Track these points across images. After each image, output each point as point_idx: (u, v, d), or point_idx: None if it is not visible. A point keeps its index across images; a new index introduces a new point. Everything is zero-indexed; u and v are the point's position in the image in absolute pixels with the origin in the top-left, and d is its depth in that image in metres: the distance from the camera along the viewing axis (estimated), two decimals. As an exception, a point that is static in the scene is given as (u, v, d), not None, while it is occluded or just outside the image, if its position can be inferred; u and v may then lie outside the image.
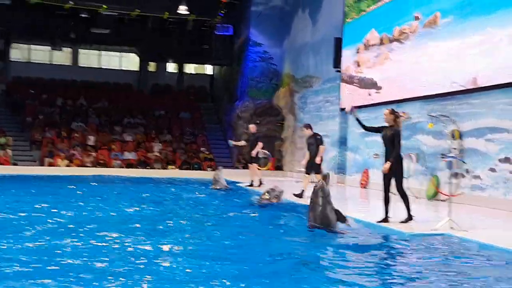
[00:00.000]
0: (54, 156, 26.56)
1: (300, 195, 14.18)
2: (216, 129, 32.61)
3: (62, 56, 33.66)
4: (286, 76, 27.51)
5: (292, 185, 17.94)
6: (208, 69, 36.56)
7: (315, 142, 14.42)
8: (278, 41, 28.01)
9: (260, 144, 17.70)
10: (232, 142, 20.67)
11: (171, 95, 34.68)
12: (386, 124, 9.91)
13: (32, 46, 33.33)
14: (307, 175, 14.69)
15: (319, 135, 14.70)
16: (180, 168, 27.82)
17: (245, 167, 27.32)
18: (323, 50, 23.04)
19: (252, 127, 18.75)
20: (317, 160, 14.28)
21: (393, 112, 9.88)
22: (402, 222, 9.68)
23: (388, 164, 9.56)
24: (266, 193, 13.09)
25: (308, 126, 14.93)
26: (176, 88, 35.58)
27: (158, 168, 27.39)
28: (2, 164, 25.02)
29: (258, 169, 18.54)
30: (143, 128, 30.71)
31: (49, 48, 32.61)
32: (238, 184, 19.16)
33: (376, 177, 18.11)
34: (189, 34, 31.36)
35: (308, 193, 14.54)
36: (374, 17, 18.75)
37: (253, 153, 17.75)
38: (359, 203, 15.26)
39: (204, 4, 28.76)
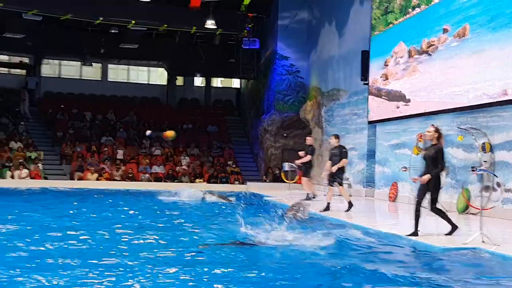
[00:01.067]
0: (84, 170, 26.86)
1: (326, 209, 14.13)
2: (243, 142, 32.71)
3: (92, 71, 34.12)
4: (313, 89, 27.52)
5: (321, 198, 17.86)
6: (235, 83, 36.75)
7: (339, 154, 14.28)
8: (305, 55, 28.06)
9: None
10: (296, 163, 18.92)
11: (198, 109, 34.91)
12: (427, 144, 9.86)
13: (63, 62, 33.84)
14: (331, 187, 14.54)
15: (345, 148, 14.57)
16: (208, 181, 27.90)
17: (274, 180, 27.39)
18: (350, 63, 23.01)
19: (310, 139, 18.67)
20: (333, 169, 14.10)
21: (437, 130, 9.81)
22: (447, 234, 9.68)
23: (427, 176, 9.51)
24: (291, 208, 12.87)
25: (337, 137, 14.82)
26: (204, 101, 35.81)
27: (186, 182, 27.51)
28: (33, 178, 25.38)
29: (286, 181, 18.48)
30: (171, 141, 30.90)
31: (79, 63, 33.12)
32: (266, 198, 19.15)
33: (405, 191, 17.98)
34: (216, 48, 31.58)
35: (334, 205, 14.58)
36: (402, 29, 18.70)
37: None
38: (388, 216, 15.16)
39: (231, 18, 28.94)
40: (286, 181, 23.81)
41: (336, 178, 14.21)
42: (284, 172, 24.58)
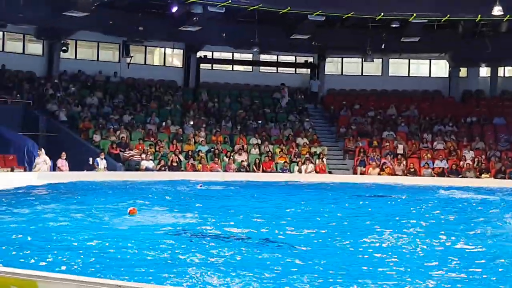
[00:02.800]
0: (366, 164, 27.34)
1: None
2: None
3: (372, 67, 34.51)
4: None
5: None
6: (525, 71, 34.10)
7: None
8: None
9: None
10: None
11: (483, 101, 33.18)
12: None
13: (345, 59, 34.79)
14: None
15: None
16: (495, 177, 26.40)
17: None
18: None
19: None
20: None
21: None
22: None
23: None
24: None
25: None
26: (489, 92, 33.89)
27: (471, 177, 26.36)
28: (318, 173, 26.59)
29: None
30: (454, 135, 29.88)
31: (360, 60, 33.75)
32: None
33: None
34: (503, 35, 29.64)
35: None
36: None
37: None
38: None
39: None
40: None
41: None
42: None
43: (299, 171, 26.57)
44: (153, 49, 32.97)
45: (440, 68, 35.30)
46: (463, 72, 34.65)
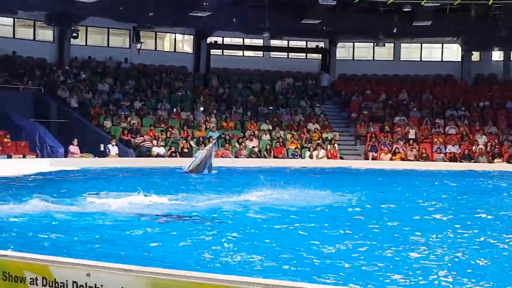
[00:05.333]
0: (378, 150, 27.22)
1: None
2: (548, 119, 30.00)
3: (384, 52, 34.25)
4: None
5: None
6: (538, 55, 33.70)
7: None
8: None
9: None
10: None
11: (496, 85, 32.89)
12: None
13: (356, 44, 34.54)
14: None
15: None
16: (508, 161, 26.25)
17: None
18: None
19: None
20: None
21: None
22: None
23: None
24: None
25: None
26: (502, 77, 33.58)
27: (484, 162, 26.21)
28: (330, 158, 26.50)
29: None
30: (467, 120, 29.67)
31: (371, 44, 33.51)
32: None
33: None
34: (517, 19, 29.27)
35: None
36: None
37: None
38: None
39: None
40: None
41: None
42: None
43: (310, 156, 26.50)
44: (164, 35, 32.89)
45: (452, 52, 35.01)
46: (475, 56, 34.35)
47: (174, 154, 24.97)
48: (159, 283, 3.66)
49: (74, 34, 28.71)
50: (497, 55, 34.53)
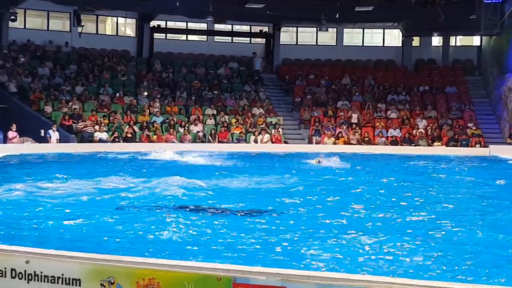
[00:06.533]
0: (321, 134, 27.54)
1: None
2: (484, 103, 30.95)
3: (327, 36, 34.56)
4: None
5: None
6: (476, 40, 34.62)
7: None
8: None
9: None
10: None
11: (436, 70, 33.67)
12: None
13: (300, 29, 34.71)
14: None
15: None
16: (447, 145, 26.98)
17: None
18: None
19: None
20: None
21: None
22: None
23: None
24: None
25: None
26: (441, 62, 34.37)
27: (423, 145, 26.86)
28: (274, 143, 26.67)
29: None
30: (407, 104, 30.31)
31: (315, 29, 33.72)
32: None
33: None
34: (455, 4, 29.97)
35: None
36: None
37: None
38: None
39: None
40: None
41: None
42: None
43: (255, 141, 26.61)
44: (105, 18, 32.30)
45: (393, 37, 35.59)
46: (416, 41, 35.01)
47: (117, 140, 24.68)
48: (100, 269, 3.64)
49: (12, 17, 27.86)
50: (436, 41, 35.28)
